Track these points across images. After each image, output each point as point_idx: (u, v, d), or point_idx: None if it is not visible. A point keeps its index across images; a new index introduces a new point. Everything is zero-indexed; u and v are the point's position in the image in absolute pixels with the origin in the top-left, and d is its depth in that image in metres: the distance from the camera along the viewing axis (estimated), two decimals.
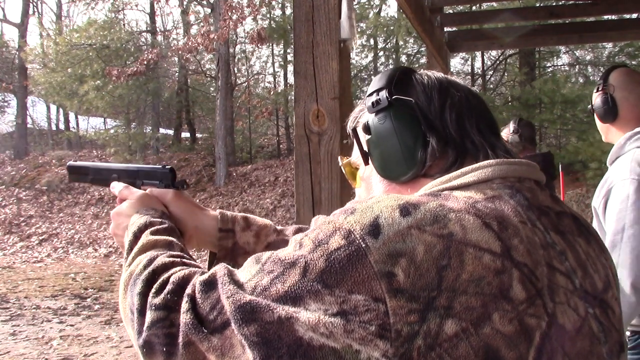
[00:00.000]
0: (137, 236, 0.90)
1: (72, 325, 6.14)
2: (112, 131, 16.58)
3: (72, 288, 8.20)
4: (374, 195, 0.74)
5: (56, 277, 9.10)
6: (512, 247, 0.62)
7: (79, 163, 1.19)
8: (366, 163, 0.83)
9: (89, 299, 7.44)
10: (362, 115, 0.85)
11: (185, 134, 18.58)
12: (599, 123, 2.03)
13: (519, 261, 0.62)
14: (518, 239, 0.64)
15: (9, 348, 5.32)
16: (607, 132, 2.02)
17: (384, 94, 0.79)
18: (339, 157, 0.97)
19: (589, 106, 2.08)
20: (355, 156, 0.89)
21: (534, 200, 0.71)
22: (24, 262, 10.70)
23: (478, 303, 0.58)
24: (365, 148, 0.83)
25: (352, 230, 0.61)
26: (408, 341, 0.57)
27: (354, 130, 0.86)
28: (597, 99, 1.98)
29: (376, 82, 0.82)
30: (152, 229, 0.91)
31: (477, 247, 0.60)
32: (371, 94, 0.81)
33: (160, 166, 1.07)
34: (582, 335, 0.66)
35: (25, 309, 6.88)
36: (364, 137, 0.83)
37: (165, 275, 0.75)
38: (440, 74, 0.83)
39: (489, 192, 0.69)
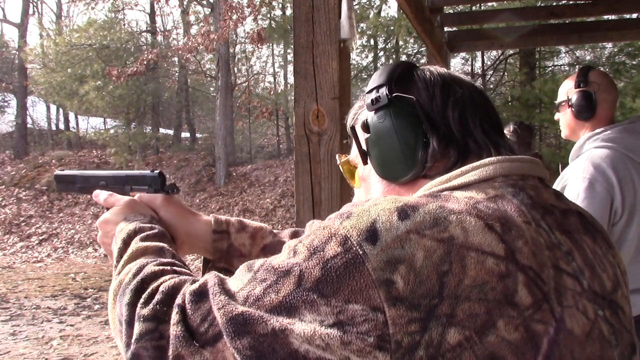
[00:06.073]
0: (126, 243, 0.86)
1: (72, 325, 6.13)
2: (112, 131, 16.56)
3: (72, 288, 8.20)
4: (371, 197, 0.70)
5: (56, 277, 9.10)
6: (517, 250, 0.59)
7: (65, 172, 1.16)
8: (365, 162, 0.80)
9: (89, 299, 7.44)
10: (361, 113, 0.81)
11: (185, 134, 18.57)
12: (570, 119, 2.03)
13: (524, 264, 0.58)
14: (522, 241, 0.60)
15: (9, 348, 5.32)
16: (574, 128, 2.03)
17: (384, 91, 0.75)
18: (337, 155, 0.94)
19: (558, 101, 2.07)
20: (354, 155, 0.86)
21: (538, 198, 0.68)
22: (24, 262, 10.69)
23: (482, 310, 0.55)
24: (364, 147, 0.79)
25: (349, 236, 0.58)
26: (409, 352, 0.54)
27: (353, 128, 0.82)
28: (575, 95, 1.99)
29: (376, 78, 0.78)
30: (142, 235, 0.87)
31: (480, 250, 0.57)
32: (371, 91, 0.78)
33: (149, 171, 1.04)
34: (592, 339, 0.62)
35: (25, 309, 6.87)
36: (362, 136, 0.79)
37: (155, 285, 0.71)
38: (443, 70, 0.79)
39: (491, 192, 0.65)
